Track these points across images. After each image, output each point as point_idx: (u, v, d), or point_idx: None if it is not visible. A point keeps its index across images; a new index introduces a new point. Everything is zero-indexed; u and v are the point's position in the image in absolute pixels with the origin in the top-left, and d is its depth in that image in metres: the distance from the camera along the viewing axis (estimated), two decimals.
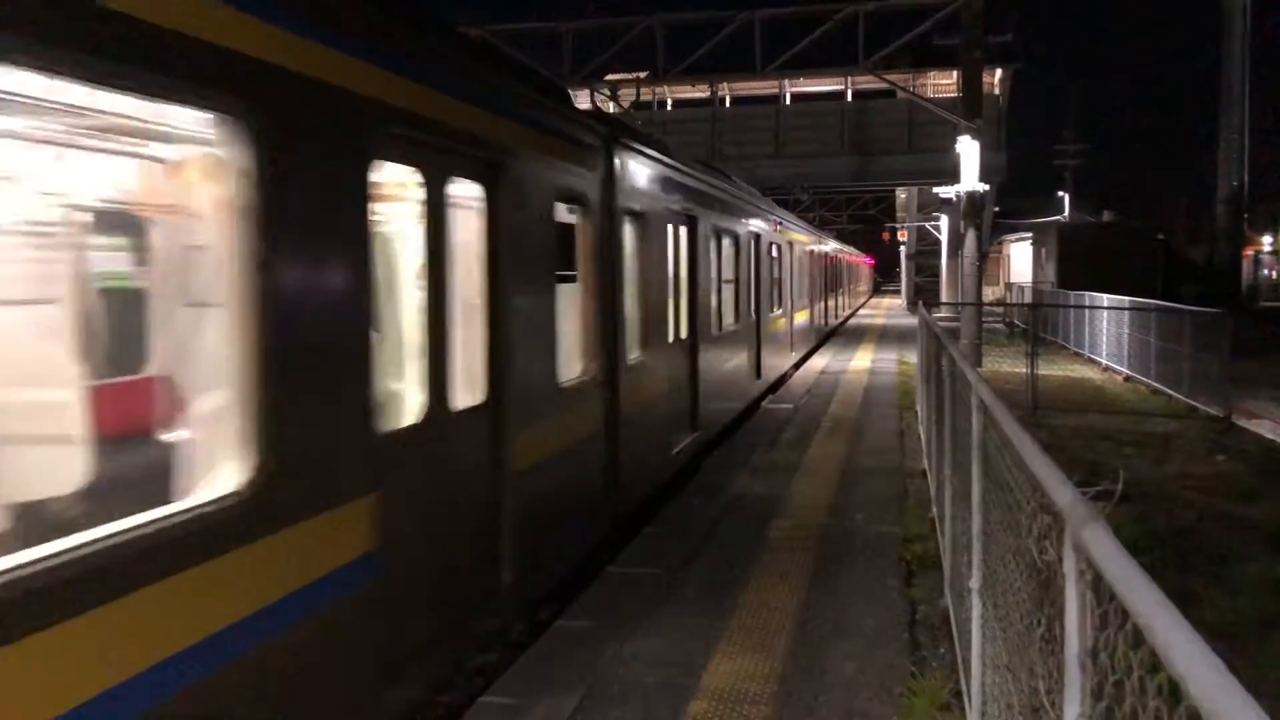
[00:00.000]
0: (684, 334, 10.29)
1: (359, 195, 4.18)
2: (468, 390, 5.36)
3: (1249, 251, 36.71)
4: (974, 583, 4.31)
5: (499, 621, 5.60)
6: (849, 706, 5.07)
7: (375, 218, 4.32)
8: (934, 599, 6.65)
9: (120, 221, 4.61)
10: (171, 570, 3.03)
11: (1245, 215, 31.82)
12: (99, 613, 2.77)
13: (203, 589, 3.16)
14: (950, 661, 5.54)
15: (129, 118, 3.91)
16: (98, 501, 3.89)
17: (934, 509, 8.28)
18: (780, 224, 18.74)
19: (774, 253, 17.84)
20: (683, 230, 10.57)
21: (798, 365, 21.85)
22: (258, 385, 3.44)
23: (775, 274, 18.21)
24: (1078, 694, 2.08)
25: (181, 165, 4.24)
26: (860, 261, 50.06)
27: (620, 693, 5.22)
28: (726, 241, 13.11)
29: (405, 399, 4.96)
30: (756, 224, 15.66)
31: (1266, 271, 57.19)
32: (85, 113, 3.79)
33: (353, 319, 4.09)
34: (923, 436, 11.57)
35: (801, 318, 22.79)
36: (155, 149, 4.32)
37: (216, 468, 3.57)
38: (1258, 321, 28.01)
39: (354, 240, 4.13)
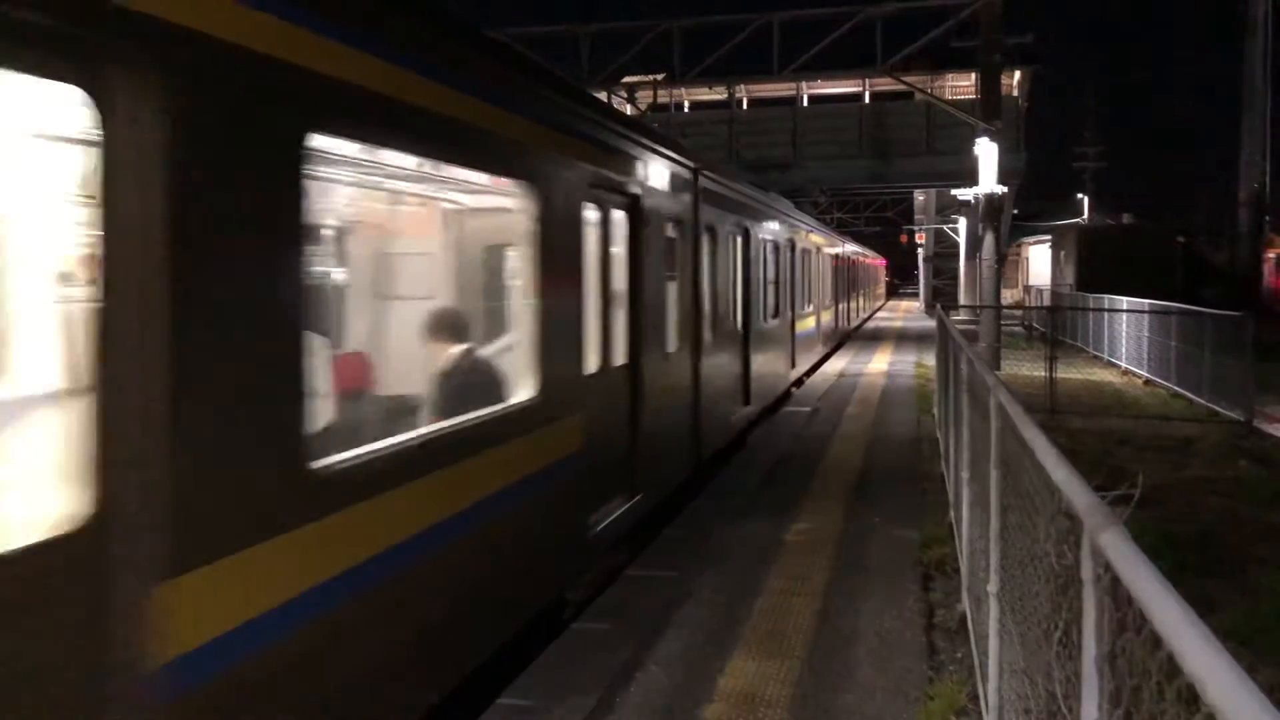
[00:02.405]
0: (739, 325, 12.50)
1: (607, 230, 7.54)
2: (619, 354, 7.87)
3: (1270, 254, 36.35)
4: (992, 586, 4.30)
5: (628, 500, 8.01)
6: (866, 711, 5.06)
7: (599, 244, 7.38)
8: (951, 603, 6.62)
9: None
10: (509, 438, 5.55)
11: (1267, 217, 31.54)
12: (488, 453, 5.25)
13: (518, 453, 5.65)
14: (967, 666, 5.52)
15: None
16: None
17: (951, 513, 8.25)
18: (810, 231, 20.83)
19: (802, 257, 20.18)
20: (740, 240, 12.90)
21: (816, 365, 21.94)
22: (541, 347, 5.98)
23: (804, 275, 20.71)
24: (1095, 698, 2.08)
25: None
26: (875, 263, 49.73)
27: (636, 696, 5.22)
28: (769, 248, 15.44)
29: (591, 358, 7.14)
30: (789, 233, 18.00)
31: None
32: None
33: (582, 310, 6.81)
34: (940, 440, 11.52)
35: (826, 317, 25.26)
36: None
37: (521, 386, 5.92)
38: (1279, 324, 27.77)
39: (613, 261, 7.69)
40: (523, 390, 5.82)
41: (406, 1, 4.55)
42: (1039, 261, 47.63)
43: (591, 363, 7.14)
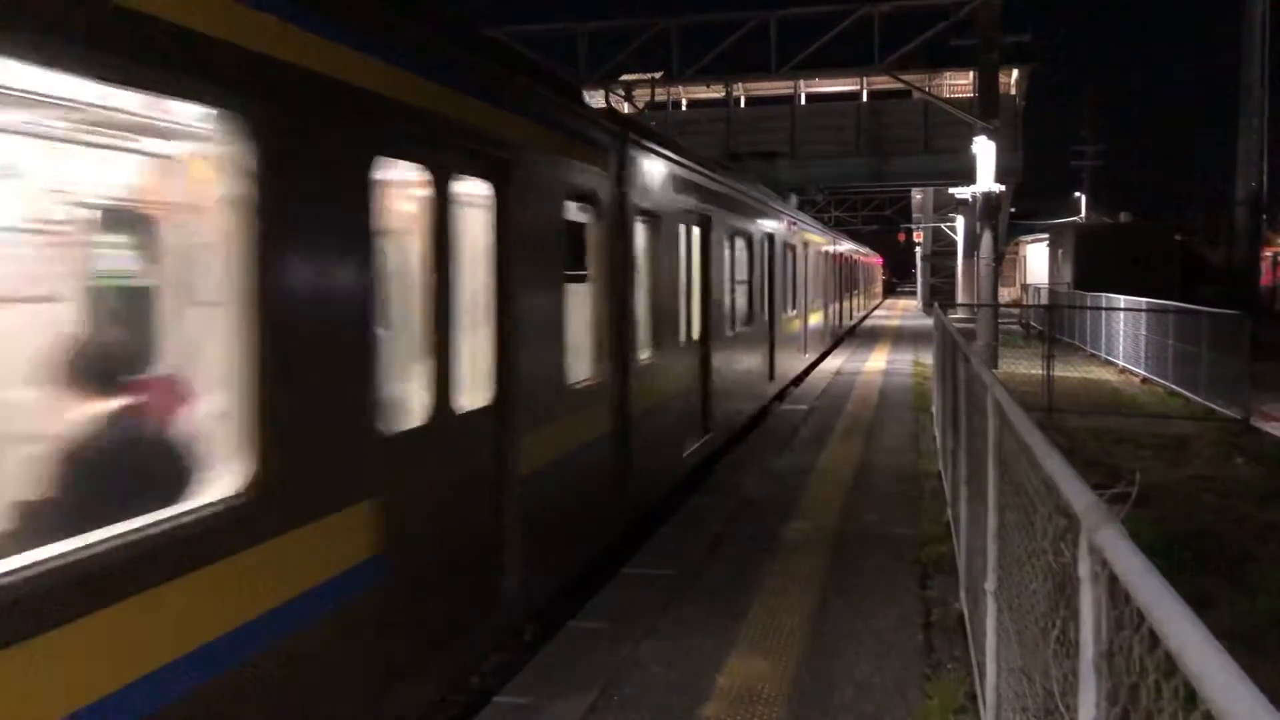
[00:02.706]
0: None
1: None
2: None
3: (1268, 252, 36.37)
4: (989, 585, 4.30)
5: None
6: (863, 709, 5.06)
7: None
8: (949, 601, 6.63)
9: None
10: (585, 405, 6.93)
11: (1264, 216, 31.56)
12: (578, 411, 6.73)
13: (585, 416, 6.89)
14: (965, 664, 5.53)
15: None
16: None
17: (949, 511, 8.26)
18: (795, 224, 21.03)
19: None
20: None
21: (804, 373, 21.93)
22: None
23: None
24: (1093, 697, 2.08)
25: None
26: (871, 261, 49.41)
27: (634, 693, 5.22)
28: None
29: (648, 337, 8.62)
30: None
31: None
32: None
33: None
34: (938, 438, 11.53)
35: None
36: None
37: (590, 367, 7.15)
38: (1276, 322, 27.80)
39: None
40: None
41: None
42: (1036, 260, 47.67)
43: (643, 346, 8.38)
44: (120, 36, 2.83)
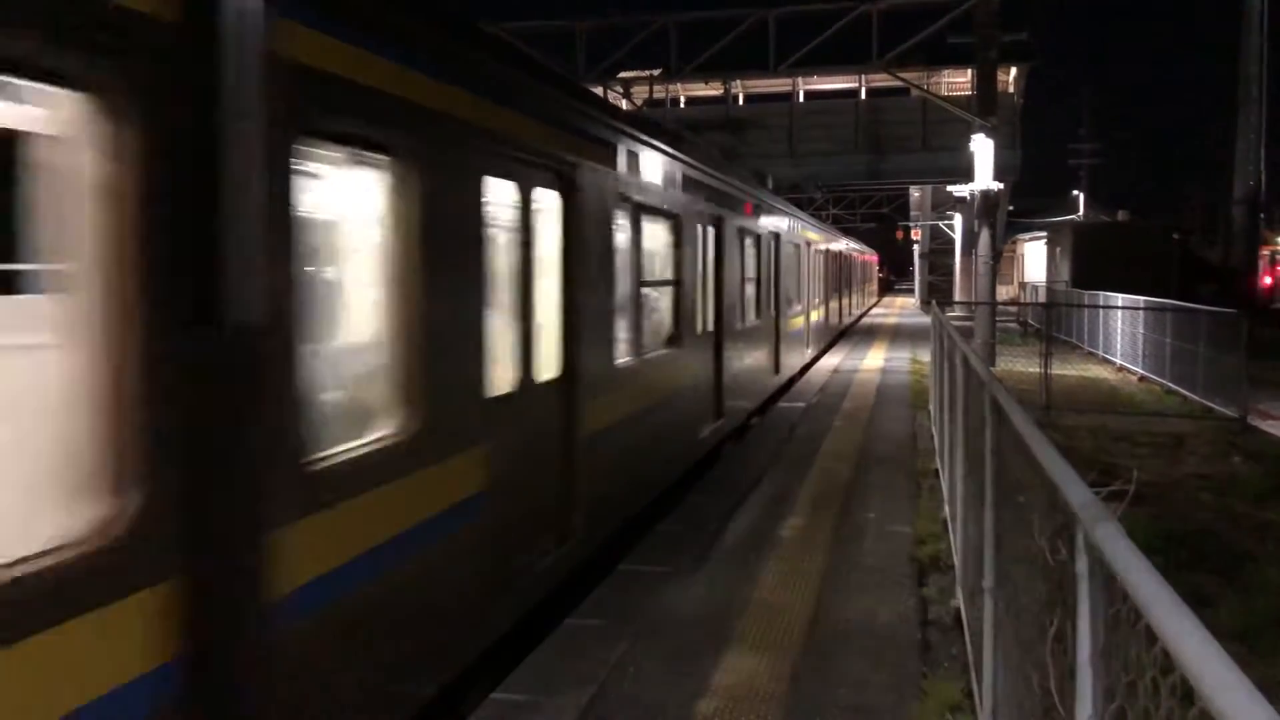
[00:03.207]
0: (772, 311, 15.31)
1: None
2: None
3: (1265, 251, 36.39)
4: (986, 582, 4.30)
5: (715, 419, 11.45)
6: (860, 706, 5.06)
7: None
8: (946, 599, 6.63)
9: None
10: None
11: (1262, 215, 31.57)
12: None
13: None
14: (962, 662, 5.53)
15: None
16: None
17: (946, 508, 8.26)
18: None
19: (814, 256, 22.58)
20: (773, 244, 15.87)
21: (815, 359, 22.09)
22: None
23: (816, 273, 22.97)
24: (1090, 694, 2.08)
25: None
26: (867, 258, 48.86)
27: (630, 691, 5.22)
28: (792, 249, 18.14)
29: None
30: (805, 233, 20.82)
31: None
32: None
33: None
34: (935, 436, 11.54)
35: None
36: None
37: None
38: (1274, 321, 27.84)
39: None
40: None
41: None
42: (1034, 258, 47.67)
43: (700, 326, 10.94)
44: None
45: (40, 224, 3.10)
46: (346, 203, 4.52)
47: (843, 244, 33.51)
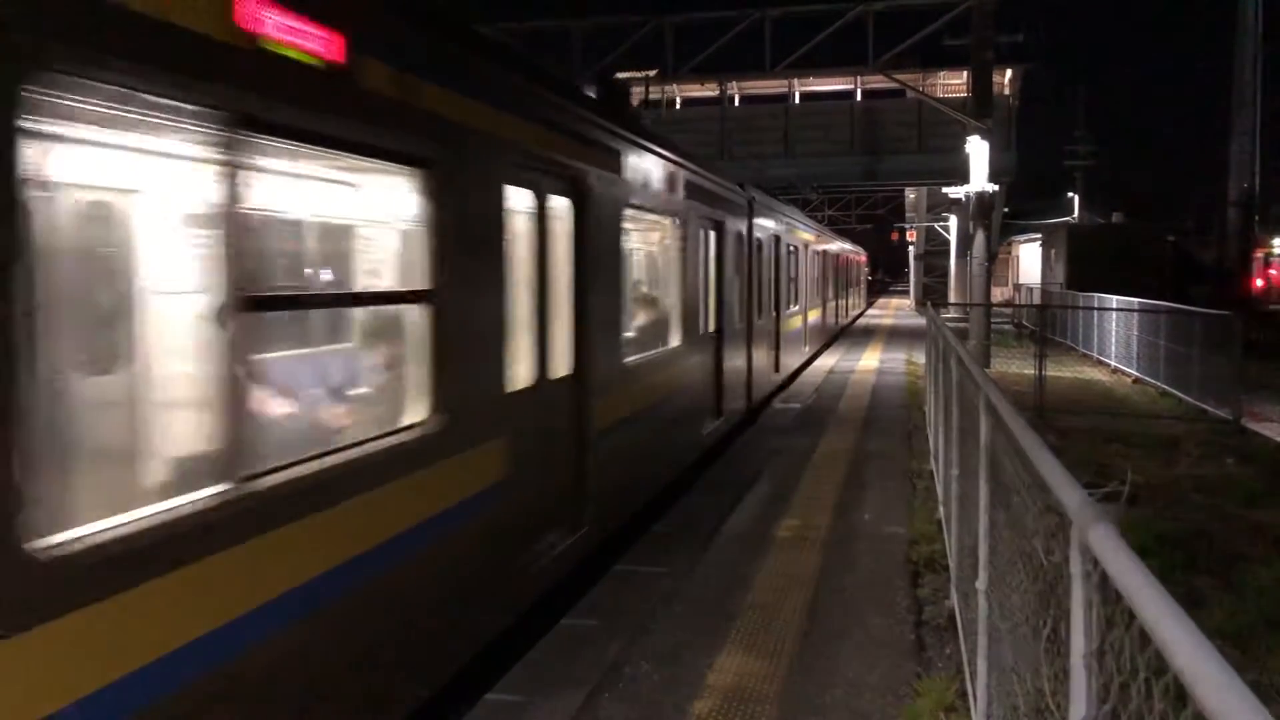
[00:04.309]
0: (773, 310, 15.80)
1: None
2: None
3: (1259, 253, 36.48)
4: (980, 583, 4.30)
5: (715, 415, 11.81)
6: (854, 706, 5.06)
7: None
8: (940, 599, 6.64)
9: None
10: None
11: (1256, 217, 31.65)
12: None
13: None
14: (956, 662, 5.53)
15: None
16: None
17: (941, 509, 8.27)
18: (818, 234, 21.88)
19: (812, 257, 22.63)
20: (772, 246, 15.91)
21: (809, 361, 22.03)
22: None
23: (812, 274, 23.09)
24: (1083, 695, 2.08)
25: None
26: (859, 259, 47.30)
27: (625, 691, 5.22)
28: (788, 250, 18.23)
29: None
30: (802, 235, 20.83)
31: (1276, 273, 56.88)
32: None
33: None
34: (930, 437, 11.54)
35: (825, 310, 26.88)
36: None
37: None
38: (1267, 324, 27.91)
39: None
40: None
41: None
42: (1029, 260, 47.76)
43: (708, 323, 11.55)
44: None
45: None
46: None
47: (837, 245, 33.50)
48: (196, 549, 3.13)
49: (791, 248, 18.66)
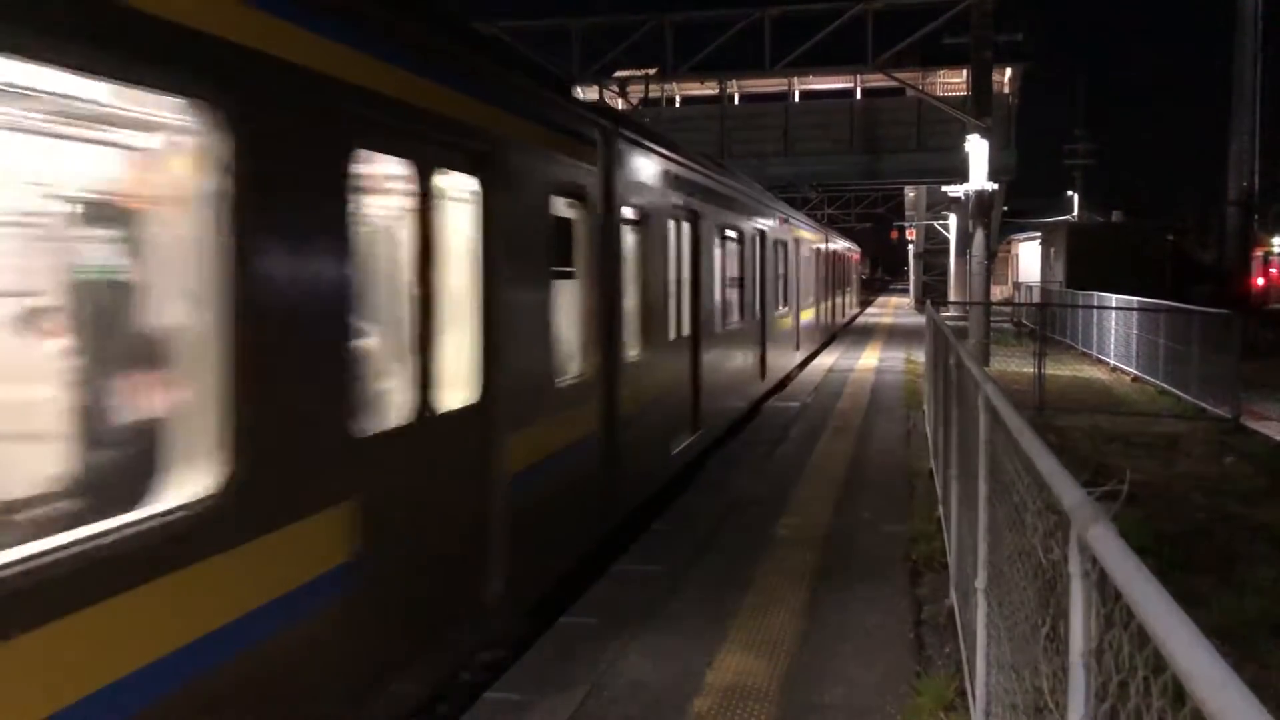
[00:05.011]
0: (790, 303, 17.92)
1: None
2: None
3: (1258, 252, 36.45)
4: (979, 582, 4.31)
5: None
6: (853, 705, 5.07)
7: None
8: (940, 598, 6.64)
9: None
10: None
11: (1256, 216, 31.61)
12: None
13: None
14: (955, 660, 5.54)
15: None
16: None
17: (940, 508, 8.27)
18: (825, 236, 22.55)
19: (816, 257, 23.80)
20: (784, 247, 17.21)
21: (810, 358, 22.27)
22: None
23: (818, 273, 24.28)
24: (1082, 694, 2.08)
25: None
26: (853, 256, 44.38)
27: (624, 689, 5.22)
28: (802, 252, 19.83)
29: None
30: (808, 236, 22.00)
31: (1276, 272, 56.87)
32: None
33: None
34: (929, 435, 11.54)
35: (831, 304, 28.15)
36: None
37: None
38: (1267, 322, 27.90)
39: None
40: None
41: None
42: (1029, 258, 47.71)
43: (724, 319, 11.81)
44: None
45: None
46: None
47: (838, 243, 33.45)
48: None
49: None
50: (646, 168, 8.78)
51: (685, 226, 10.51)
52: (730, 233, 12.81)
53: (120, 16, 2.88)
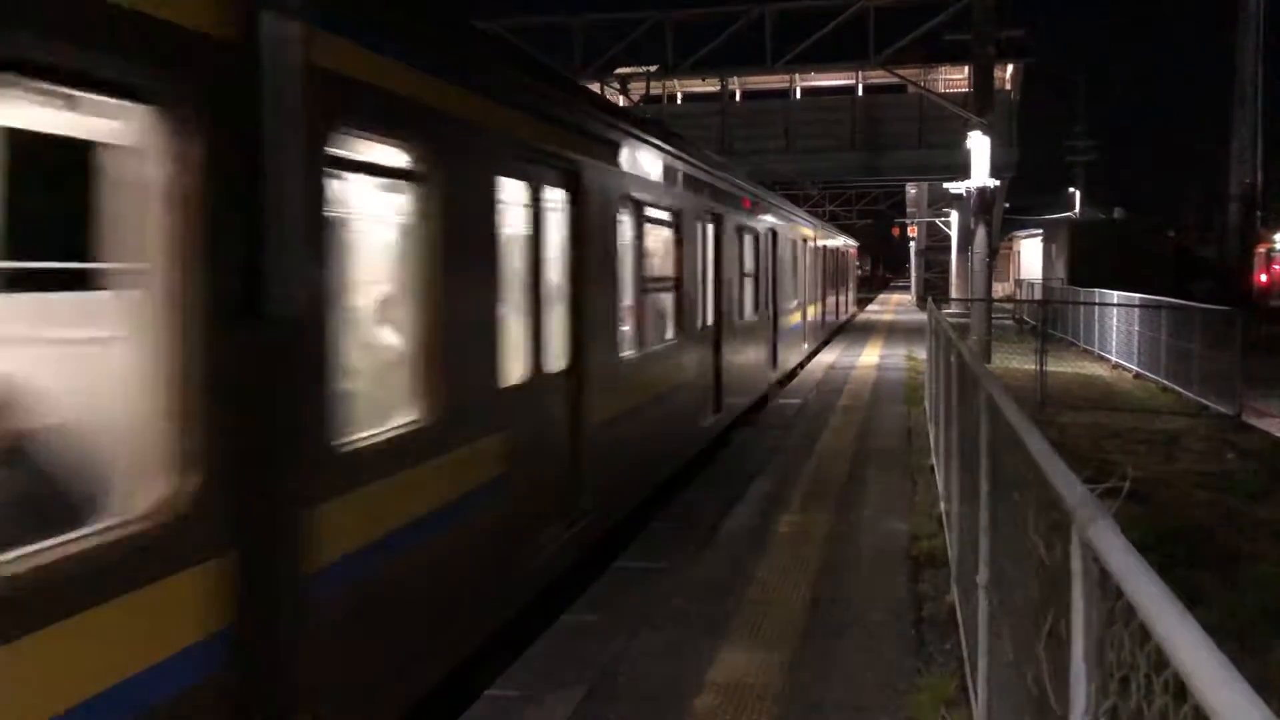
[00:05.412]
0: (799, 298, 18.71)
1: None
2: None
3: (1261, 248, 36.43)
4: (981, 578, 4.30)
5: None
6: (855, 701, 5.07)
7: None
8: (941, 595, 6.64)
9: None
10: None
11: (1258, 212, 31.59)
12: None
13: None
14: (957, 657, 5.54)
15: None
16: None
17: (941, 505, 8.27)
18: (825, 232, 22.62)
19: (824, 254, 24.29)
20: (796, 245, 18.07)
21: (812, 354, 22.32)
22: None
23: (824, 269, 25.04)
24: (1084, 690, 2.08)
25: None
26: (850, 251, 41.93)
27: (625, 686, 5.23)
28: (808, 248, 20.39)
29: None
30: (810, 233, 22.04)
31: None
32: None
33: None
34: (931, 432, 11.54)
35: (829, 301, 27.99)
36: None
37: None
38: (1269, 318, 27.88)
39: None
40: None
41: None
42: (1030, 255, 47.72)
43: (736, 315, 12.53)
44: None
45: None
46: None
47: (840, 240, 33.43)
48: None
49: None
50: (688, 180, 10.16)
51: (710, 227, 11.41)
52: (744, 232, 13.53)
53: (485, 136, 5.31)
